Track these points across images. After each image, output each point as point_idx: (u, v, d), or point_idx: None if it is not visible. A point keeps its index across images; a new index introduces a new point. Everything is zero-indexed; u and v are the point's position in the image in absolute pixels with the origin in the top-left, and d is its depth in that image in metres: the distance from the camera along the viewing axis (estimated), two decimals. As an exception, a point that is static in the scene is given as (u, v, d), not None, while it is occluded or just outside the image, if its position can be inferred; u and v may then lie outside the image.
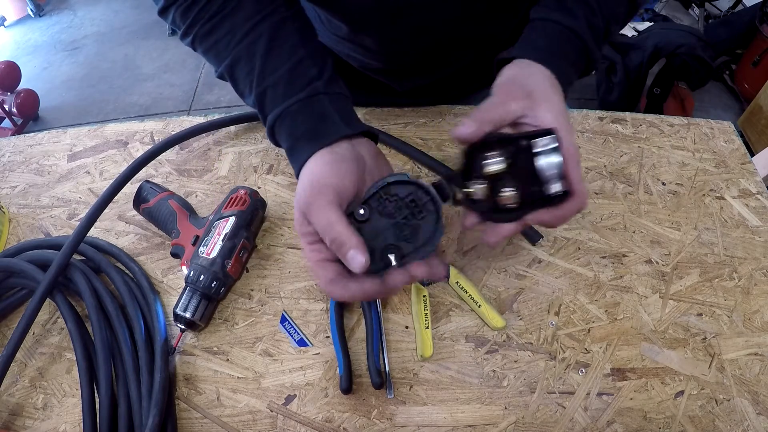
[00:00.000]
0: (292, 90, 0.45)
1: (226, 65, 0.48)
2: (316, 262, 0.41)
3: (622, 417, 0.49)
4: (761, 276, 0.59)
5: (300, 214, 0.41)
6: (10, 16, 3.08)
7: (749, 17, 2.18)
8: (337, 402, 0.50)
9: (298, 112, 0.45)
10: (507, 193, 0.40)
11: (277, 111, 0.45)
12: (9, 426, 0.50)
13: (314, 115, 0.44)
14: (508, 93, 0.42)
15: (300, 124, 0.45)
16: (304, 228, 0.41)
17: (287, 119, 0.45)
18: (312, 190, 0.40)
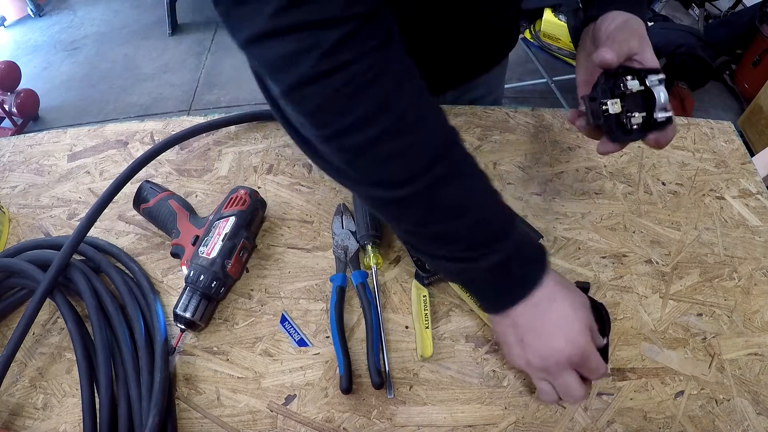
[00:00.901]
0: (508, 219, 0.43)
1: (424, 190, 0.37)
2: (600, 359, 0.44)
3: (622, 417, 0.49)
4: (761, 276, 0.59)
5: (587, 310, 0.45)
6: (10, 16, 3.08)
7: (749, 17, 2.18)
8: (337, 402, 0.50)
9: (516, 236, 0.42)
10: (636, 115, 0.47)
11: (511, 241, 0.41)
12: (9, 426, 0.50)
13: (534, 250, 0.45)
14: (629, 33, 0.49)
15: (525, 247, 0.43)
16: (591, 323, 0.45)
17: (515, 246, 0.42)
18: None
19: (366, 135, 0.34)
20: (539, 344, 0.42)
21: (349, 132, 0.34)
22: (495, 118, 0.74)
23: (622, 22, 0.51)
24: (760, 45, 2.10)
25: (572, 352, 0.41)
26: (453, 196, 0.38)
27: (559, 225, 0.63)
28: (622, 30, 0.50)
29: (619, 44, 0.49)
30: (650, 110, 0.47)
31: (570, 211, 0.64)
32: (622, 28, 0.51)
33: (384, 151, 0.35)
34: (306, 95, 0.33)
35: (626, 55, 0.48)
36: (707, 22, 2.51)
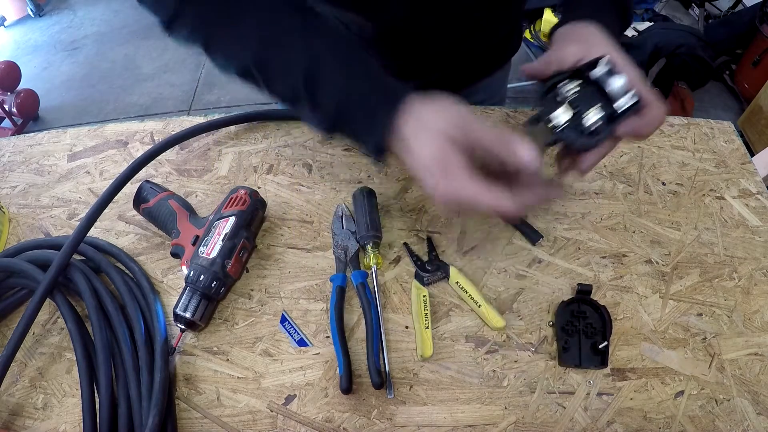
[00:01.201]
0: (343, 61, 0.45)
1: (254, 53, 0.46)
2: (487, 188, 0.40)
3: (622, 417, 0.49)
4: (761, 276, 0.59)
5: (451, 145, 0.40)
6: (10, 16, 3.08)
7: (749, 17, 2.18)
8: (337, 402, 0.50)
9: (363, 80, 0.45)
10: (592, 112, 0.43)
11: (340, 83, 0.44)
12: (9, 426, 0.50)
13: (382, 81, 0.45)
14: (565, 41, 0.47)
15: (372, 89, 0.44)
16: (460, 157, 0.40)
17: (356, 88, 0.44)
18: (453, 109, 0.41)
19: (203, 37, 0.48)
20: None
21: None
22: (495, 118, 0.74)
23: (563, 32, 0.49)
24: (760, 45, 2.10)
25: (445, 196, 0.41)
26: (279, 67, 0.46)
27: (559, 225, 0.63)
28: (562, 39, 0.48)
29: (553, 53, 0.46)
30: (612, 100, 0.43)
31: (570, 211, 0.64)
32: (562, 37, 0.48)
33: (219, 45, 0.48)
34: None
35: (565, 62, 0.45)
36: (707, 22, 2.51)
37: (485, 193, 0.40)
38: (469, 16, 0.62)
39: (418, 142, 0.41)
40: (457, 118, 0.41)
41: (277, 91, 0.48)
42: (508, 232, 0.62)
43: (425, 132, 0.41)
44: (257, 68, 0.46)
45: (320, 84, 0.45)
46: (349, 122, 0.46)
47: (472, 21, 0.63)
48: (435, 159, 0.40)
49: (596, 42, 0.46)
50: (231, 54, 0.48)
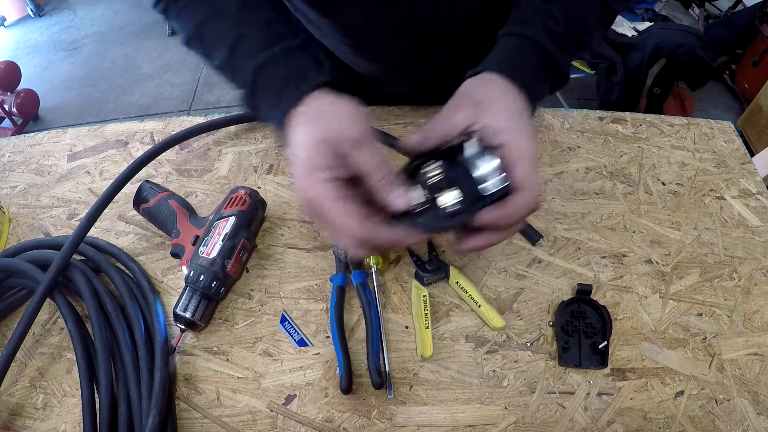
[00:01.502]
0: (270, 40, 0.45)
1: (197, 23, 0.48)
2: (338, 201, 0.37)
3: (622, 417, 0.49)
4: (761, 276, 0.59)
5: (323, 146, 0.38)
6: (10, 16, 3.08)
7: (749, 17, 2.18)
8: (337, 402, 0.50)
9: (278, 63, 0.44)
10: (446, 194, 0.39)
11: (256, 62, 0.44)
12: (9, 426, 0.50)
13: (296, 68, 0.44)
14: (456, 105, 0.42)
15: (283, 74, 0.44)
16: (326, 161, 0.38)
17: (268, 70, 0.44)
18: (350, 118, 0.40)
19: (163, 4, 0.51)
20: None
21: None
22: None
23: (459, 92, 0.44)
24: (760, 45, 2.10)
25: (300, 197, 0.40)
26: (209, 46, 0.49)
27: (559, 225, 0.63)
28: (451, 102, 0.43)
29: (437, 123, 0.42)
30: (477, 182, 0.39)
31: (570, 211, 0.64)
32: (453, 99, 0.43)
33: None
34: None
35: (450, 133, 0.41)
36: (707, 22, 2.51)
37: (335, 208, 0.37)
38: (439, 30, 0.61)
39: (299, 136, 0.40)
40: (347, 128, 0.39)
41: (211, 59, 0.49)
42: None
43: (309, 127, 0.40)
44: (197, 38, 0.49)
45: (241, 54, 0.46)
46: (259, 97, 0.46)
47: (445, 34, 0.63)
48: (303, 156, 0.39)
49: (490, 106, 0.41)
50: (181, 25, 0.51)
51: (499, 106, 0.41)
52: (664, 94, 2.08)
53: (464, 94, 0.43)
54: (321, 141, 0.39)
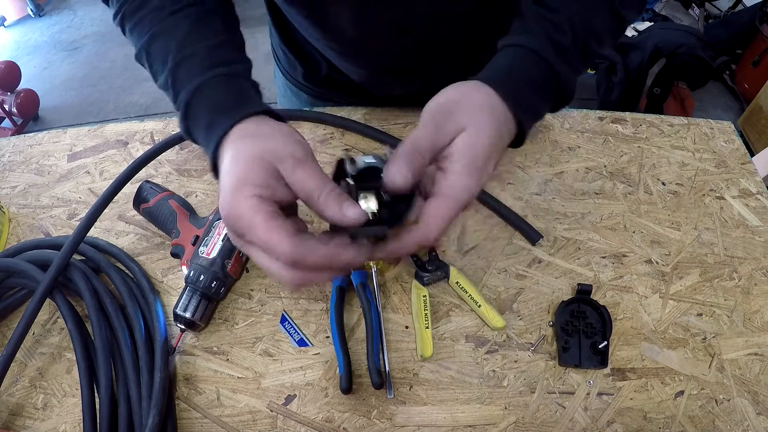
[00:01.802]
0: (211, 64, 0.43)
1: (145, 40, 0.46)
2: (266, 215, 0.34)
3: (622, 417, 0.49)
4: (761, 276, 0.59)
5: (258, 164, 0.36)
6: (10, 16, 3.08)
7: (749, 17, 2.18)
8: (337, 402, 0.50)
9: (218, 85, 0.42)
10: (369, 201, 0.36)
11: (197, 82, 0.42)
12: (9, 426, 0.50)
13: (237, 92, 0.42)
14: (438, 124, 0.38)
15: (221, 96, 0.42)
16: (258, 179, 0.35)
17: (206, 91, 0.42)
18: (290, 138, 0.37)
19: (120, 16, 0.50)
20: None
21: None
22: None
23: (437, 105, 0.39)
24: (760, 45, 2.11)
25: (225, 214, 0.36)
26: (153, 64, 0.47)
27: (559, 225, 0.63)
28: (426, 117, 0.39)
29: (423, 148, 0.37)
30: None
31: (570, 211, 0.64)
32: (428, 113, 0.39)
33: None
34: None
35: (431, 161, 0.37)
36: (707, 22, 2.52)
37: (264, 224, 0.34)
38: (437, 32, 0.60)
39: (230, 152, 0.38)
40: (287, 147, 0.37)
41: (155, 78, 0.47)
42: (508, 232, 0.62)
43: (242, 144, 0.37)
44: (145, 54, 0.47)
45: (180, 76, 0.44)
46: (193, 123, 0.43)
47: (443, 36, 0.61)
48: (232, 171, 0.36)
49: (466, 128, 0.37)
50: (133, 40, 0.49)
51: (473, 127, 0.38)
52: (664, 94, 2.08)
53: (439, 111, 0.39)
54: (256, 158, 0.36)
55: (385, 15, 0.56)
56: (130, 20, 0.48)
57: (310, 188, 0.35)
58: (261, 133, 0.38)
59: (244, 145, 0.37)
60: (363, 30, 0.59)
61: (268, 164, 0.36)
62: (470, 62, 0.68)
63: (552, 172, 0.68)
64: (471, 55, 0.67)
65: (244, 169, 0.36)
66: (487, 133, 0.38)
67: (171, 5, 0.46)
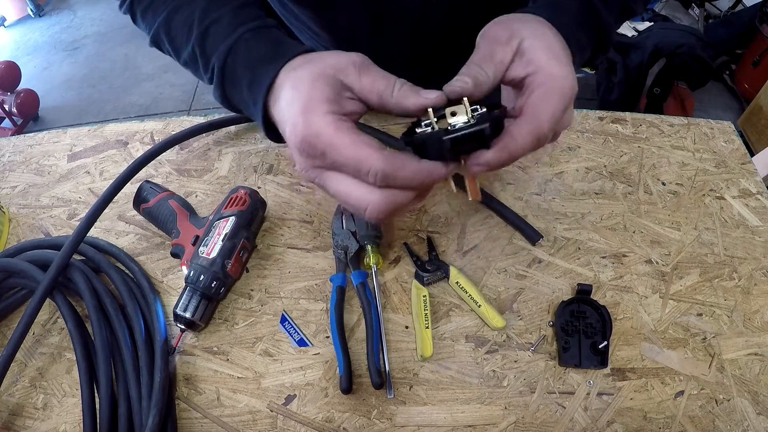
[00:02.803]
0: (240, 22, 0.41)
1: (163, 18, 0.44)
2: (349, 131, 0.32)
3: (622, 417, 0.49)
4: (761, 276, 0.59)
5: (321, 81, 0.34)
6: (10, 16, 3.08)
7: (749, 17, 2.18)
8: (337, 402, 0.50)
9: (252, 39, 0.40)
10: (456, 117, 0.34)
11: (229, 42, 0.40)
12: (9, 426, 0.50)
13: (272, 41, 0.40)
14: (492, 38, 0.37)
15: (258, 49, 0.40)
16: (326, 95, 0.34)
17: (242, 48, 0.40)
18: (344, 54, 0.36)
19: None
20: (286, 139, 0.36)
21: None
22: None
23: (492, 24, 0.39)
24: (760, 45, 2.10)
25: (299, 139, 0.33)
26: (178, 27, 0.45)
27: (559, 225, 0.63)
28: (486, 36, 0.38)
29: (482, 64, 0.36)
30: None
31: (570, 211, 0.64)
32: (487, 32, 0.38)
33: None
34: None
35: (497, 78, 0.37)
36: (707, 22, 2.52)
37: (347, 140, 0.32)
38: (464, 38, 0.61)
39: (288, 81, 0.36)
40: (344, 59, 0.35)
41: (179, 53, 0.46)
42: (508, 232, 0.62)
43: (299, 71, 0.35)
44: (164, 32, 0.45)
45: (210, 40, 0.42)
46: (232, 82, 0.41)
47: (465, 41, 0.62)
48: (297, 96, 0.34)
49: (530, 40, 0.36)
50: (147, 24, 0.48)
51: (537, 38, 0.36)
52: (664, 94, 2.08)
53: (499, 24, 0.38)
54: (319, 77, 0.34)
55: (399, 26, 0.56)
56: (141, 2, 0.46)
57: (381, 87, 0.34)
58: (312, 58, 0.37)
59: (302, 72, 0.35)
60: (376, 40, 0.58)
61: (332, 79, 0.34)
62: None
63: (552, 172, 0.68)
64: None
65: (311, 89, 0.34)
66: (552, 36, 0.37)
67: None
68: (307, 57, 0.37)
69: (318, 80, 0.34)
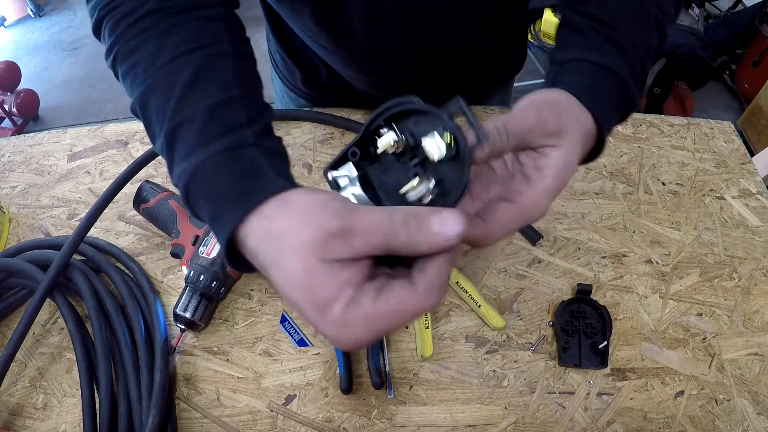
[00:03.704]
0: (211, 134, 0.35)
1: (140, 92, 0.38)
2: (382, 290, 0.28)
3: (622, 417, 0.49)
4: (761, 276, 0.59)
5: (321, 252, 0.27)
6: (10, 16, 3.08)
7: (749, 17, 2.18)
8: (337, 402, 0.50)
9: (218, 167, 0.34)
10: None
11: (193, 163, 0.34)
12: (9, 426, 0.50)
13: (242, 171, 0.33)
14: (542, 119, 0.35)
15: (221, 182, 0.33)
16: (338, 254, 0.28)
17: (205, 175, 0.34)
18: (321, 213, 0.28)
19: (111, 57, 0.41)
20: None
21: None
22: (495, 118, 0.74)
23: (547, 101, 0.37)
24: (760, 45, 2.10)
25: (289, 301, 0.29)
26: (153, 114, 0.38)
27: (559, 225, 0.63)
28: (537, 109, 0.36)
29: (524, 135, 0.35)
30: None
31: (570, 211, 0.64)
32: (540, 106, 0.36)
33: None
34: None
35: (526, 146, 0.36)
36: (707, 22, 2.51)
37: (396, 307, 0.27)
38: (462, 36, 0.60)
39: (277, 260, 0.29)
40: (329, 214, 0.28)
41: (153, 139, 0.40)
42: (508, 232, 0.62)
43: (282, 246, 0.28)
44: (140, 109, 0.39)
45: (178, 145, 0.36)
46: (199, 212, 0.36)
47: (463, 39, 0.61)
48: (302, 290, 0.28)
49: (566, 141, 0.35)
50: (126, 88, 0.41)
51: (568, 152, 0.35)
52: (664, 94, 2.08)
53: (553, 108, 0.37)
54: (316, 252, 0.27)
55: (397, 26, 0.56)
56: (123, 64, 0.39)
57: (385, 225, 0.28)
58: (288, 222, 0.29)
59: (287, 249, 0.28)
60: (375, 40, 0.58)
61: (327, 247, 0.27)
62: (472, 72, 0.67)
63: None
64: (473, 65, 0.67)
65: (314, 277, 0.28)
66: (577, 152, 0.36)
67: (171, 50, 0.37)
68: (280, 204, 0.30)
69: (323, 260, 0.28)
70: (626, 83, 0.41)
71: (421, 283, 0.28)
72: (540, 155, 0.36)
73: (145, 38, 0.38)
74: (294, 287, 0.28)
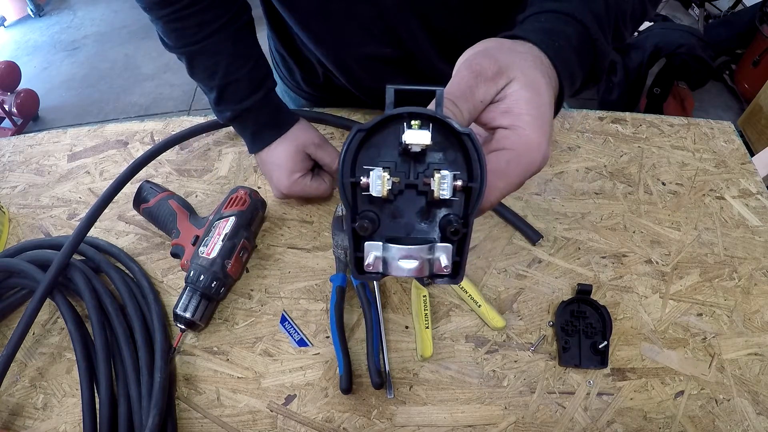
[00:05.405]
0: (252, 88, 0.60)
1: (191, 51, 0.58)
2: (311, 185, 0.65)
3: (622, 417, 0.49)
4: (761, 276, 0.59)
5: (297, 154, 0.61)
6: (10, 16, 3.08)
7: (749, 17, 2.18)
8: (337, 402, 0.50)
9: (261, 107, 0.61)
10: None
11: (245, 105, 0.60)
12: (9, 426, 0.50)
13: (273, 111, 0.62)
14: (476, 69, 0.32)
15: (264, 117, 0.61)
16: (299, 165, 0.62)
17: (253, 112, 0.61)
18: (305, 134, 0.63)
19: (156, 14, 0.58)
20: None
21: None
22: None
23: (478, 51, 0.34)
24: (760, 45, 2.10)
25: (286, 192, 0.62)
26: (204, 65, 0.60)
27: (559, 225, 0.63)
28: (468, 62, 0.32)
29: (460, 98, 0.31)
30: None
31: (570, 211, 0.64)
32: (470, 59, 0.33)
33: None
34: None
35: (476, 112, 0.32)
36: (707, 22, 2.51)
37: (311, 189, 0.62)
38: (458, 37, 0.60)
39: (278, 157, 0.61)
40: (310, 136, 0.63)
41: (197, 79, 0.62)
42: (508, 232, 0.62)
43: (284, 153, 0.61)
44: (187, 62, 0.60)
45: (230, 94, 0.60)
46: (242, 126, 0.63)
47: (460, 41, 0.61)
48: (283, 164, 0.61)
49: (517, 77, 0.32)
50: (167, 37, 0.58)
51: (526, 87, 0.32)
52: (664, 94, 2.08)
53: (484, 55, 0.33)
54: (295, 153, 0.61)
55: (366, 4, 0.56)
56: (169, 24, 0.57)
57: (328, 162, 0.64)
58: (294, 135, 0.62)
59: (288, 146, 0.62)
60: (347, 17, 0.59)
61: (302, 153, 0.62)
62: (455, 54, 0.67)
63: (552, 172, 0.68)
64: (454, 46, 0.66)
65: (290, 161, 0.61)
66: (538, 78, 0.32)
67: (210, 24, 0.56)
68: (293, 131, 0.63)
69: (296, 153, 0.62)
70: (586, 26, 0.37)
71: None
72: (500, 101, 0.32)
73: (189, 12, 0.56)
74: (279, 166, 0.62)
